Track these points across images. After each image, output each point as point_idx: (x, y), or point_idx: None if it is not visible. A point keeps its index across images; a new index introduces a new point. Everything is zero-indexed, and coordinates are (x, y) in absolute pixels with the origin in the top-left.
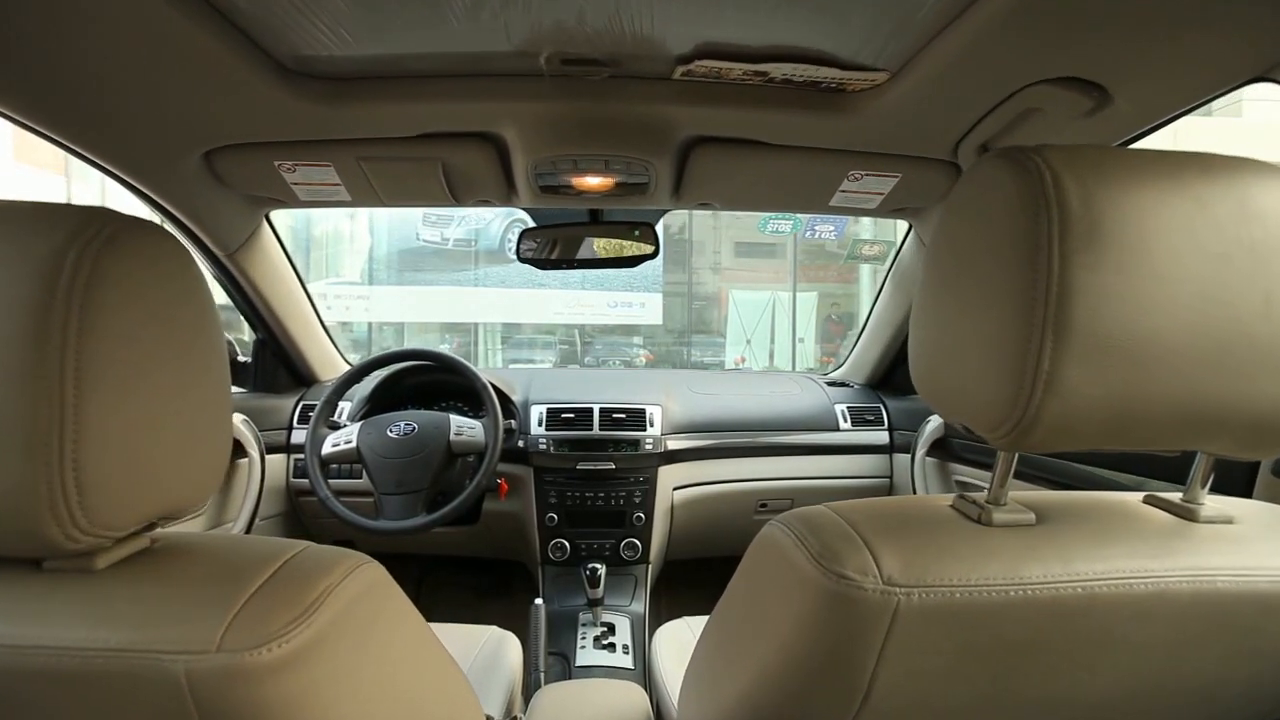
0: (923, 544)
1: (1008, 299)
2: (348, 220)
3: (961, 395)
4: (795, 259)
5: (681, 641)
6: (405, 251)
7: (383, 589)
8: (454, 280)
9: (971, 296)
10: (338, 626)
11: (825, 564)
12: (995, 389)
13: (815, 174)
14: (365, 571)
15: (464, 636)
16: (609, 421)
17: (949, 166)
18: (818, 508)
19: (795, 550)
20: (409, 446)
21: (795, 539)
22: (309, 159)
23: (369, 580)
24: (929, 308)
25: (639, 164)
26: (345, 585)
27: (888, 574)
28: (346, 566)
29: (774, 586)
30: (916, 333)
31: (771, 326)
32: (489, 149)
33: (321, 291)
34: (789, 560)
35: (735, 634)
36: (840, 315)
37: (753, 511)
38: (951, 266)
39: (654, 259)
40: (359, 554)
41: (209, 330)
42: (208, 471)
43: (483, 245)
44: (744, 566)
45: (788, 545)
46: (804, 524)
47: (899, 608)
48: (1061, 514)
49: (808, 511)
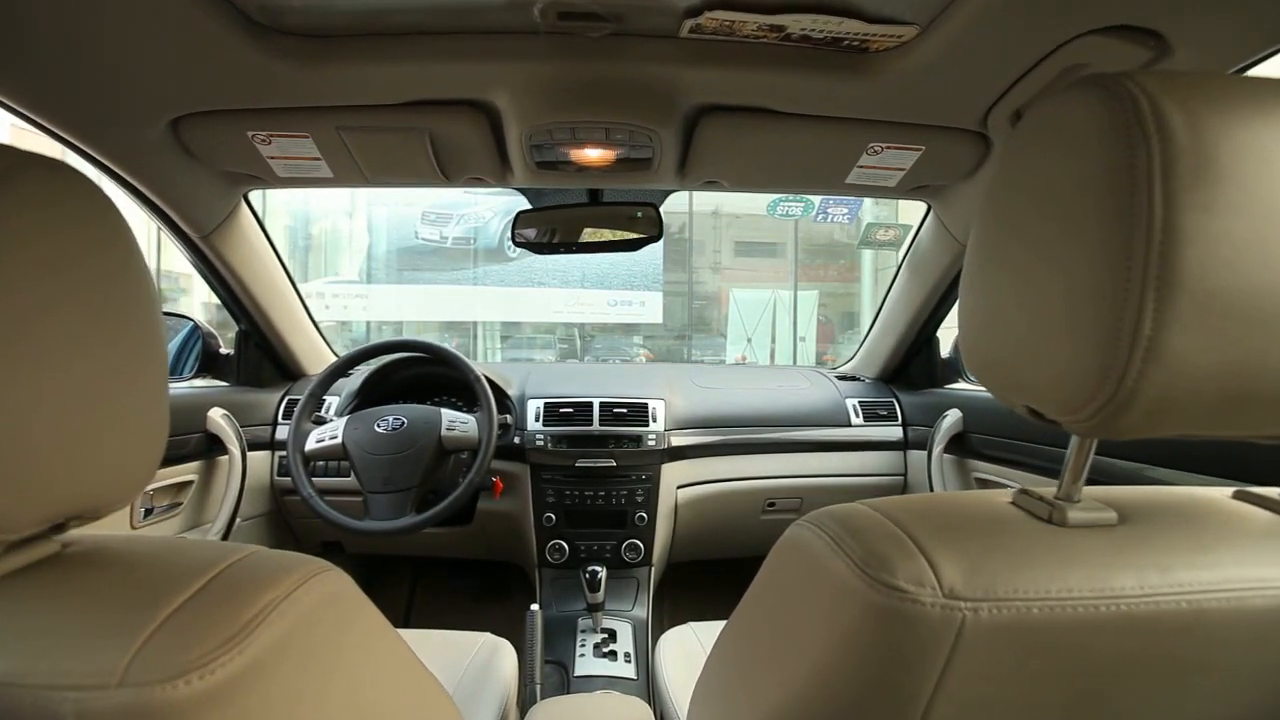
0: (988, 548)
1: (1096, 250)
2: (346, 219)
3: (1029, 371)
4: (796, 257)
5: (687, 649)
6: (404, 250)
7: (345, 601)
8: (453, 279)
9: (1045, 251)
10: (283, 649)
11: (871, 573)
12: (1078, 361)
13: (832, 147)
14: (323, 581)
15: (455, 645)
16: (610, 416)
17: (977, 138)
18: (853, 506)
19: (832, 556)
20: (397, 442)
21: (831, 542)
22: (285, 129)
23: (327, 591)
24: (985, 269)
25: (642, 133)
26: (296, 598)
27: (949, 585)
28: (298, 575)
29: (805, 598)
30: (968, 302)
31: (773, 325)
32: (480, 119)
33: (320, 290)
34: (824, 568)
35: (756, 650)
36: (827, 316)
37: (760, 511)
38: (1016, 217)
39: (657, 241)
40: (317, 560)
41: (136, 290)
42: (135, 462)
43: (481, 244)
44: (767, 573)
45: (821, 549)
46: (840, 525)
47: (964, 625)
48: (1146, 512)
49: (843, 510)
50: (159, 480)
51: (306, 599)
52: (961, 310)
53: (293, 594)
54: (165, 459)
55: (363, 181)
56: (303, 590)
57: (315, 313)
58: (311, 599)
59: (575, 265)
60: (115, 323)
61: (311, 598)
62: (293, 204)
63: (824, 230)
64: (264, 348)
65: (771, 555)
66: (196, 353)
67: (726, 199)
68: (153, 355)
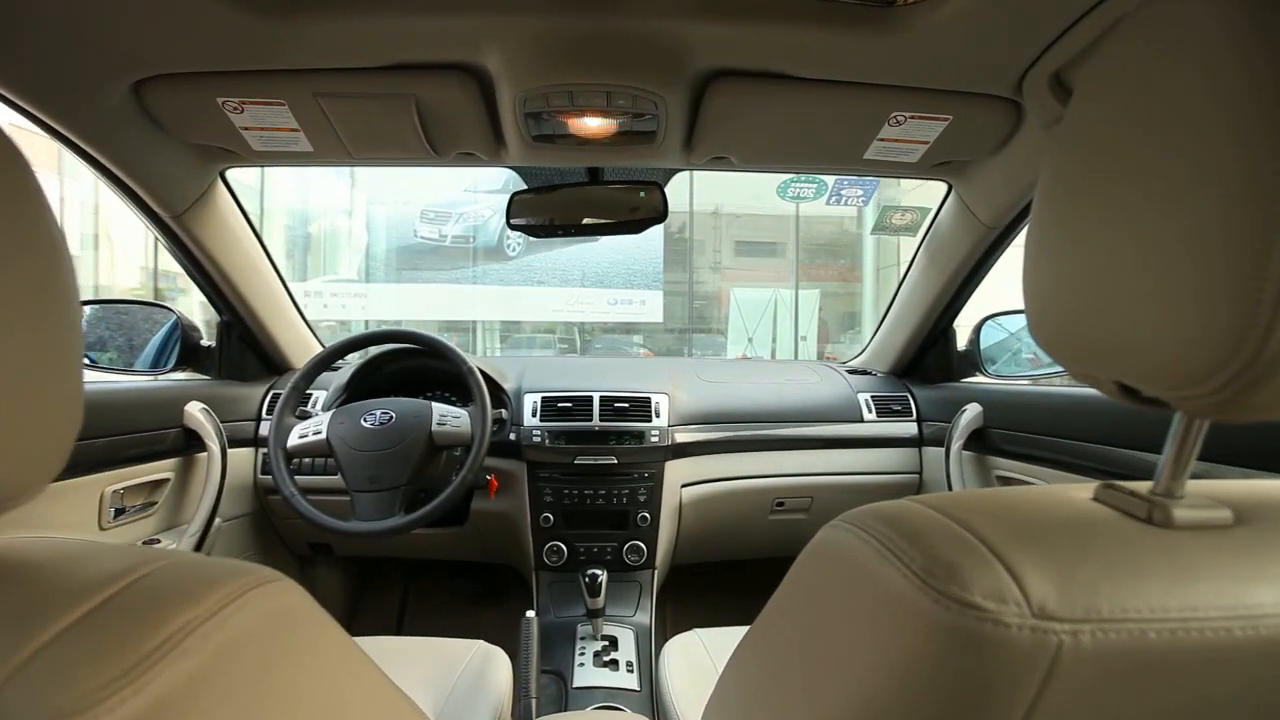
0: (1082, 555)
1: (1234, 181)
2: (345, 217)
3: (1125, 339)
4: (797, 256)
5: (693, 657)
6: (403, 249)
7: (294, 619)
8: (452, 278)
9: (1156, 188)
10: (200, 686)
11: (936, 585)
12: (1201, 323)
13: (851, 117)
14: (264, 595)
15: (446, 653)
16: (610, 411)
17: (1009, 107)
18: (901, 504)
19: (882, 563)
20: (385, 438)
21: (879, 546)
22: (258, 95)
23: (268, 608)
24: (1065, 221)
25: (646, 99)
26: (224, 618)
27: (1039, 601)
28: (230, 588)
29: (846, 613)
30: (1037, 264)
31: (774, 324)
32: (470, 84)
33: (318, 289)
34: (871, 577)
35: (784, 669)
36: (823, 318)
37: (769, 511)
38: (1113, 152)
39: (662, 223)
40: (259, 569)
41: (36, 245)
42: (33, 451)
43: (481, 242)
44: (795, 581)
45: (867, 556)
46: (890, 526)
47: (1060, 652)
48: (1266, 511)
49: (892, 509)
50: (131, 478)
51: (239, 619)
52: (1028, 276)
53: (220, 613)
54: (139, 456)
55: (346, 157)
56: (235, 608)
57: (314, 312)
58: (246, 618)
59: (575, 264)
60: (17, 282)
61: (246, 617)
62: (292, 203)
63: (824, 230)
64: (247, 340)
65: (802, 561)
66: (177, 345)
67: (727, 198)
68: (61, 324)
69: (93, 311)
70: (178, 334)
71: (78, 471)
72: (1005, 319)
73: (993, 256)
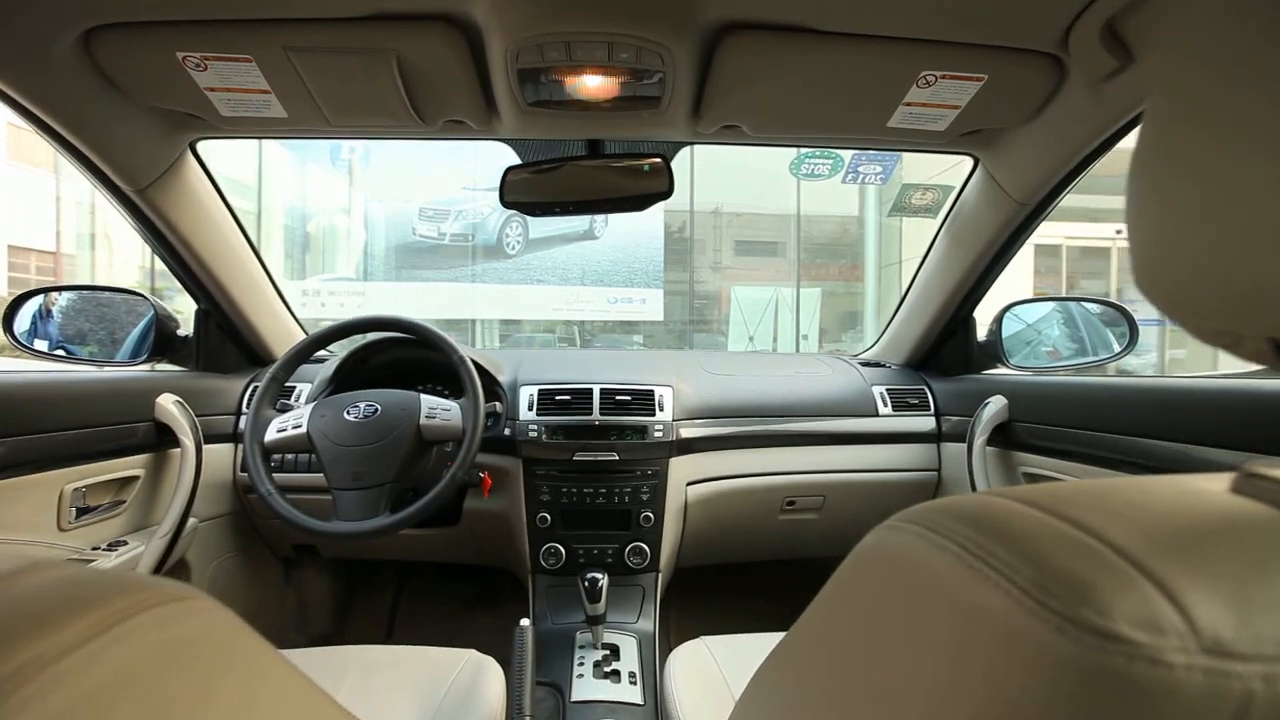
0: (1258, 571)
1: None
2: (343, 215)
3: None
4: (798, 252)
5: (700, 667)
6: (401, 247)
7: (193, 649)
8: (451, 276)
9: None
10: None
11: (1060, 608)
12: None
13: (878, 77)
14: (153, 622)
15: (434, 664)
16: (612, 405)
17: (1051, 65)
18: (982, 499)
19: (974, 577)
20: (370, 432)
21: (966, 554)
22: (222, 48)
23: (159, 639)
24: (1188, 152)
25: (651, 52)
26: (93, 654)
27: (1211, 633)
28: (106, 614)
29: (927, 642)
30: (1147, 209)
31: (775, 323)
32: (456, 38)
33: (316, 288)
34: (959, 596)
35: (838, 704)
36: (822, 321)
37: (779, 510)
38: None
39: (667, 199)
40: (160, 585)
41: None
42: None
43: (480, 240)
44: (845, 598)
45: (947, 566)
46: (977, 528)
47: (1251, 704)
48: None
49: (970, 506)
50: (95, 475)
51: (112, 655)
52: (1136, 219)
53: (85, 647)
54: (105, 451)
55: (324, 125)
56: (109, 639)
57: (312, 310)
58: (124, 655)
59: (575, 262)
60: None
61: (125, 652)
62: (291, 201)
63: (824, 229)
64: (227, 329)
65: (852, 571)
66: (151, 335)
67: (728, 197)
68: None
69: (71, 302)
70: (152, 323)
71: (32, 468)
72: (1025, 308)
73: (1023, 235)
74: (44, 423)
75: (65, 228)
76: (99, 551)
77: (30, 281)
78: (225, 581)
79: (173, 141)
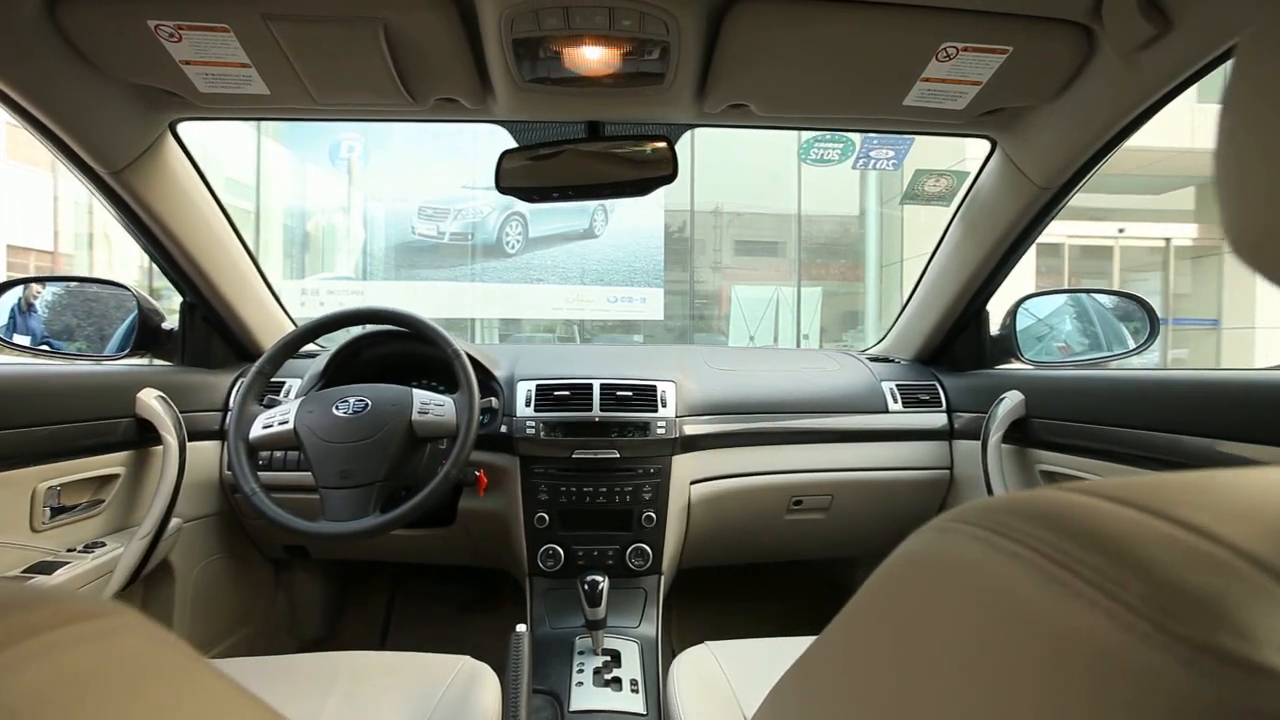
0: None
1: None
2: (343, 214)
3: None
4: (799, 253)
5: (705, 675)
6: (400, 246)
7: (98, 684)
8: (450, 275)
9: None
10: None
11: (1185, 633)
12: None
13: (895, 49)
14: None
15: (426, 671)
16: (612, 400)
17: (1079, 35)
18: (1051, 495)
19: (1071, 594)
20: (359, 428)
21: (1047, 562)
22: (196, 16)
23: (55, 667)
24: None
25: (656, 20)
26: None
27: None
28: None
29: (1005, 668)
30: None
31: (775, 322)
32: (447, 7)
33: (315, 287)
34: (1040, 615)
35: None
36: (822, 322)
37: (785, 510)
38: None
39: (671, 182)
40: (63, 601)
41: None
42: None
43: (479, 239)
44: (888, 610)
45: (1020, 576)
46: (1065, 534)
47: None
48: None
49: (1041, 503)
50: (72, 473)
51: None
52: (1228, 173)
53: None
54: (82, 448)
55: (309, 104)
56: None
57: (311, 310)
58: (17, 684)
59: (575, 261)
60: None
61: (18, 682)
62: (290, 201)
63: (825, 229)
64: (213, 321)
65: (893, 579)
66: (135, 328)
67: (728, 196)
68: None
69: (57, 297)
70: (135, 315)
71: (2, 465)
72: (1037, 302)
73: (1043, 222)
74: (15, 417)
75: (64, 227)
76: (74, 554)
77: None
78: (212, 584)
79: (150, 121)
